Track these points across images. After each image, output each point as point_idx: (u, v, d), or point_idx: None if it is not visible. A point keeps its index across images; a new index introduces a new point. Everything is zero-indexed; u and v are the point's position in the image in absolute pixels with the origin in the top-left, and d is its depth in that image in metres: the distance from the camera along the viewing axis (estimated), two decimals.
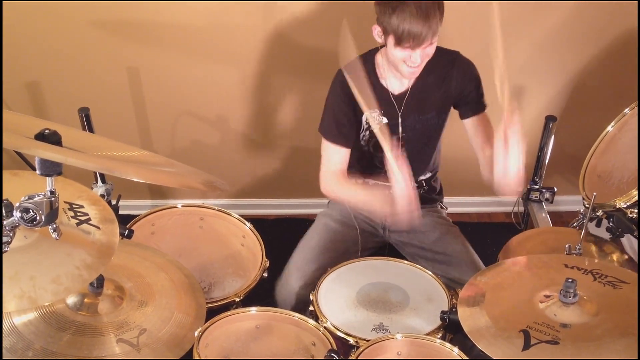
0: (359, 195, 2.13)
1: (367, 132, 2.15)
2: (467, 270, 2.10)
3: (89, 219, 1.52)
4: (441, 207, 2.38)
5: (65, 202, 1.54)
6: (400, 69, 1.99)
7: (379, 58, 2.10)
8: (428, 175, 2.29)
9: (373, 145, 2.17)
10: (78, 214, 1.52)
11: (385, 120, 2.12)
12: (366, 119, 2.12)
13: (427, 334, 1.76)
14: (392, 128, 2.13)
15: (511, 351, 1.47)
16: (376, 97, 2.06)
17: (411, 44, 1.90)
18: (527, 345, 1.47)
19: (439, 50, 2.11)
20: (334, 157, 2.16)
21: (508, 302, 1.65)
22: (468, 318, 1.59)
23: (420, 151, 2.20)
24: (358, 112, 2.11)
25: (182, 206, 2.21)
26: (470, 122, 2.15)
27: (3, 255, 1.34)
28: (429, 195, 2.32)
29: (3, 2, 2.46)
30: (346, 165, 2.17)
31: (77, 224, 1.49)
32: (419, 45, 1.91)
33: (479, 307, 1.62)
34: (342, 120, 2.12)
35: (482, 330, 1.54)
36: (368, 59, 2.11)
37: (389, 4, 1.90)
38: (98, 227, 1.51)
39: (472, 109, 2.15)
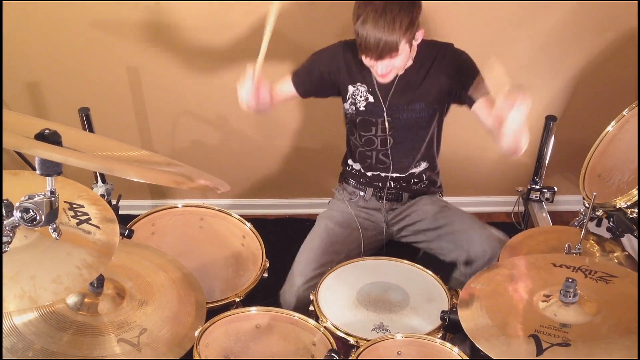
0: None
1: (354, 107, 2.17)
2: (475, 237, 2.11)
3: (89, 219, 1.52)
4: (440, 196, 2.39)
5: (66, 202, 1.54)
6: (373, 73, 2.04)
7: None
8: (423, 165, 2.28)
9: (360, 122, 2.19)
10: (78, 213, 1.52)
11: (371, 98, 2.14)
12: (352, 92, 2.15)
13: (428, 334, 1.76)
14: (377, 110, 2.15)
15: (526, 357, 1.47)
16: (366, 73, 2.12)
17: (372, 56, 1.93)
18: (540, 350, 1.47)
19: (432, 43, 2.14)
20: (282, 86, 2.22)
21: (509, 307, 1.65)
22: (473, 327, 1.59)
23: (408, 140, 2.21)
24: (344, 82, 2.15)
25: (183, 206, 2.21)
26: (477, 107, 2.09)
27: (3, 255, 1.34)
28: (428, 188, 2.33)
29: (3, 2, 2.46)
30: (279, 98, 2.24)
31: (77, 224, 1.49)
32: (380, 57, 1.93)
33: (481, 315, 1.61)
34: (315, 74, 2.18)
35: (491, 339, 1.54)
36: None
37: (356, 10, 1.94)
38: (98, 227, 1.51)
39: (475, 93, 2.08)
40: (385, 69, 1.98)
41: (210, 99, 2.82)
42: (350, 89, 2.15)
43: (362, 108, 2.16)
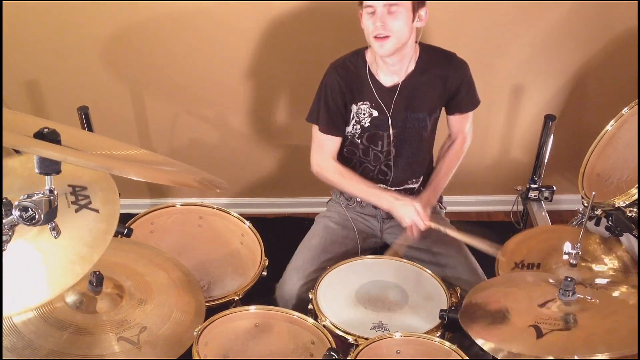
0: (361, 193, 2.18)
1: (358, 126, 2.16)
2: (464, 272, 2.11)
3: (90, 203, 1.49)
4: (440, 207, 2.38)
5: (70, 185, 1.52)
6: (374, 47, 2.01)
7: (369, 54, 2.12)
8: (422, 179, 2.29)
9: (367, 138, 2.18)
10: (79, 197, 1.49)
11: (375, 113, 2.13)
12: (356, 111, 2.14)
13: (426, 333, 1.76)
14: (382, 123, 2.15)
15: (526, 342, 1.48)
16: (366, 90, 2.11)
17: None
18: (539, 334, 1.49)
19: (434, 49, 2.14)
20: (327, 144, 2.19)
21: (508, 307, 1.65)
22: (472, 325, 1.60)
23: (412, 151, 2.21)
24: (348, 103, 2.14)
25: (182, 205, 2.21)
26: (453, 118, 2.23)
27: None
28: None
29: (3, 2, 2.45)
30: (337, 152, 2.21)
31: (77, 210, 1.47)
32: None
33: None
34: (335, 110, 2.14)
35: (492, 330, 1.55)
36: (358, 55, 2.14)
37: None
38: (97, 211, 1.48)
39: (460, 108, 2.20)
40: (382, 21, 1.94)
41: (209, 98, 2.82)
42: (354, 108, 2.14)
43: (367, 124, 2.15)
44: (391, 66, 2.08)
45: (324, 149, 2.20)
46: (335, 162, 2.21)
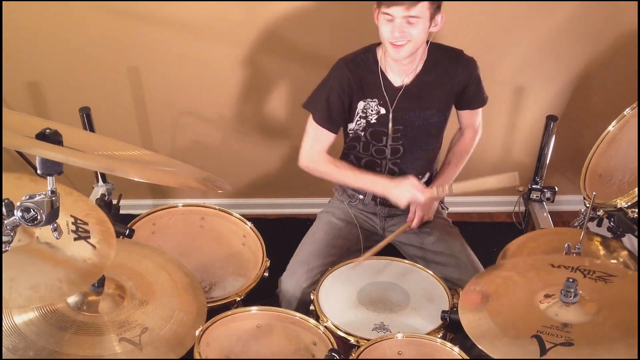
0: (355, 180, 2.18)
1: (364, 121, 2.16)
2: (466, 272, 2.11)
3: (89, 237, 1.51)
4: (442, 208, 2.38)
5: (72, 216, 1.53)
6: (389, 51, 2.01)
7: (380, 52, 2.12)
8: (427, 176, 2.29)
9: (370, 133, 2.18)
10: (80, 229, 1.51)
11: (383, 110, 2.13)
12: (363, 107, 2.13)
13: (428, 334, 1.76)
14: (388, 121, 2.14)
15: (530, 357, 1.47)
16: (376, 87, 2.10)
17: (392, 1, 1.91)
18: (543, 350, 1.47)
19: (442, 47, 2.13)
20: (322, 138, 2.17)
21: (509, 308, 1.65)
22: (475, 329, 1.59)
23: (420, 149, 2.21)
24: (354, 100, 2.13)
25: (183, 206, 2.21)
26: (463, 113, 2.26)
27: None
28: None
29: (3, 2, 2.46)
30: (328, 148, 2.20)
31: (75, 239, 1.49)
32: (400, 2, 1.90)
33: (483, 318, 1.61)
34: (336, 106, 2.13)
35: (494, 341, 1.54)
36: (369, 51, 2.13)
37: None
38: (94, 247, 1.50)
39: (469, 105, 2.22)
40: (401, 29, 1.93)
41: (210, 98, 2.83)
42: (361, 104, 2.12)
43: (373, 120, 2.14)
44: (402, 66, 2.08)
45: (316, 142, 2.18)
46: (327, 155, 2.19)
